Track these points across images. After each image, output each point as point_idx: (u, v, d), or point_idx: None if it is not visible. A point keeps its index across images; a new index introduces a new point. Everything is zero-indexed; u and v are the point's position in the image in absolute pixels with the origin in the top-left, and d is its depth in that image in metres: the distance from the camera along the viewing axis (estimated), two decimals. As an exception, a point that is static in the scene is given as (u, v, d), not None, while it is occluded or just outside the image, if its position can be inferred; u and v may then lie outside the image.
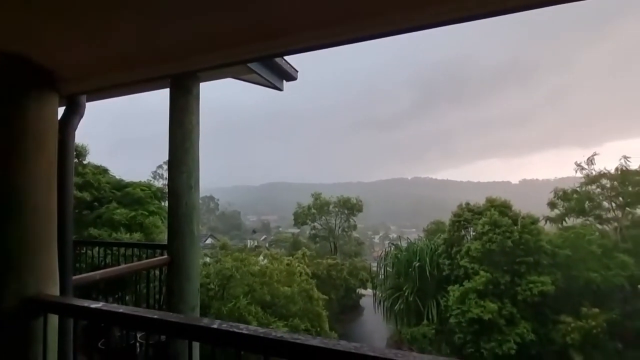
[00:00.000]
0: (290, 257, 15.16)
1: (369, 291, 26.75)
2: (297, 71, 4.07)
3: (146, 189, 8.50)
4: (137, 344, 4.07)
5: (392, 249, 25.93)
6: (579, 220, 21.01)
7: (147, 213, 7.86)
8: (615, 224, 20.11)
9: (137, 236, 7.65)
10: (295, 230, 37.30)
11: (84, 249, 5.89)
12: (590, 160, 21.07)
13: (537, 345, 16.39)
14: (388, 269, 24.37)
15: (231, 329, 1.51)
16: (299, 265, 12.51)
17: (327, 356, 1.37)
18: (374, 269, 27.31)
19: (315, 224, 34.96)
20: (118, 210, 7.46)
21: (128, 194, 8.05)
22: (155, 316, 1.75)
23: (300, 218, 34.18)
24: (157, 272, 4.14)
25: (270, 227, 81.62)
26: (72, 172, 2.49)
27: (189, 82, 3.66)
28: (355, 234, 39.99)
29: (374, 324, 24.21)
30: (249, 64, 3.36)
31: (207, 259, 10.76)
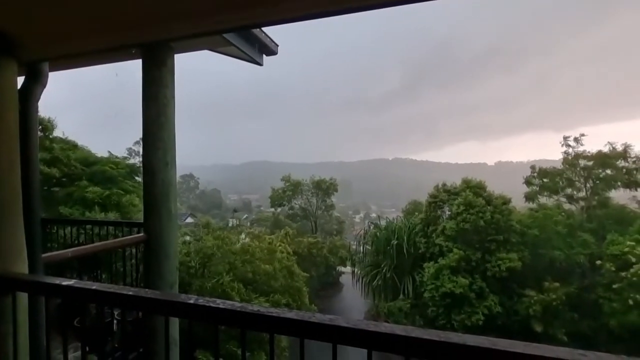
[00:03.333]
0: (272, 236, 15.27)
1: (349, 268, 27.51)
2: (277, 45, 3.93)
3: (115, 167, 8.13)
4: (115, 321, 4.05)
5: (371, 227, 26.58)
6: (552, 200, 22.22)
7: (122, 192, 7.58)
8: (583, 203, 21.39)
9: (113, 215, 7.42)
10: (277, 209, 37.39)
11: (55, 227, 5.68)
12: (577, 140, 22.03)
13: (503, 316, 17.57)
14: (367, 247, 25.06)
15: (208, 304, 1.53)
16: (280, 244, 12.63)
17: (302, 328, 1.41)
18: (355, 247, 28.00)
19: (293, 204, 35.14)
20: (90, 189, 7.15)
21: (98, 172, 7.69)
22: (130, 293, 1.73)
23: (276, 200, 34.26)
24: (134, 251, 4.07)
25: (251, 206, 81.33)
26: (37, 146, 2.35)
27: (162, 52, 3.47)
28: (336, 213, 40.55)
29: (353, 299, 25.09)
30: (225, 35, 3.21)
31: (188, 238, 10.67)
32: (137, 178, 9.37)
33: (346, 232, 38.45)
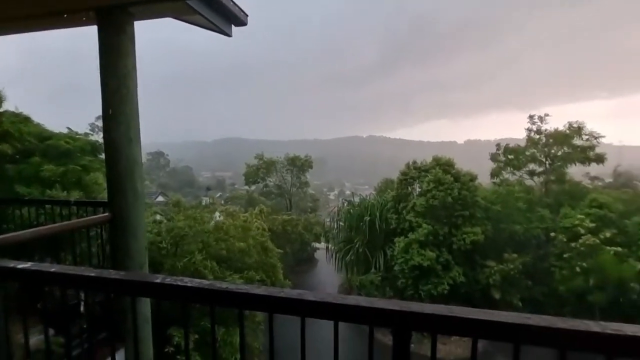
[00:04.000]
0: (247, 214, 15.18)
1: (323, 245, 28.13)
2: (247, 15, 3.73)
3: (72, 141, 7.53)
4: (81, 303, 3.94)
5: (345, 205, 27.08)
6: (515, 177, 23.56)
7: (79, 168, 7.09)
8: (542, 178, 22.87)
9: (77, 195, 6.99)
10: (252, 188, 37.00)
11: (11, 208, 5.32)
12: (541, 119, 23.14)
13: (466, 285, 18.86)
14: (341, 223, 25.62)
15: (175, 283, 1.51)
16: (255, 221, 12.60)
17: (271, 303, 1.44)
18: (329, 224, 28.53)
19: (268, 181, 34.94)
20: (46, 166, 6.65)
21: (52, 147, 7.11)
22: (93, 274, 1.68)
23: (250, 177, 33.93)
24: (99, 231, 3.92)
25: (225, 184, 79.82)
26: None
27: (121, 18, 3.20)
28: (310, 191, 40.80)
29: (327, 274, 25.86)
30: (190, 3, 2.99)
31: (158, 217, 10.37)
32: (101, 156, 8.82)
33: (321, 210, 38.94)
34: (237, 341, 8.64)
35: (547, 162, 22.88)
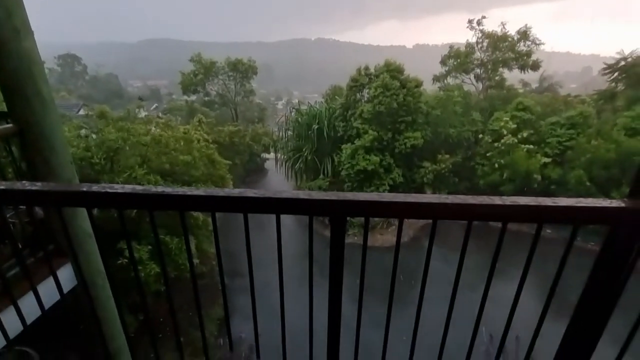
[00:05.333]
0: (187, 126, 14.23)
1: (273, 155, 28.27)
2: None
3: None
4: (10, 224, 3.67)
5: (292, 113, 26.55)
6: (458, 81, 24.49)
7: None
8: (487, 83, 24.16)
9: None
10: (192, 98, 33.79)
11: None
12: (479, 22, 23.13)
13: (404, 185, 21.00)
14: (289, 132, 25.50)
15: (103, 190, 1.41)
16: (196, 133, 11.94)
17: (212, 203, 1.44)
18: (278, 134, 28.20)
19: (209, 89, 32.04)
20: None
21: None
22: (2, 187, 1.49)
23: (188, 85, 30.48)
24: (7, 147, 3.42)
25: (160, 94, 72.07)
26: None
27: None
28: (257, 100, 38.76)
29: (277, 182, 26.73)
30: None
31: (83, 131, 9.26)
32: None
33: (269, 120, 37.80)
34: (193, 248, 9.05)
35: (489, 67, 23.86)
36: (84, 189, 1.45)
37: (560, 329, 1.59)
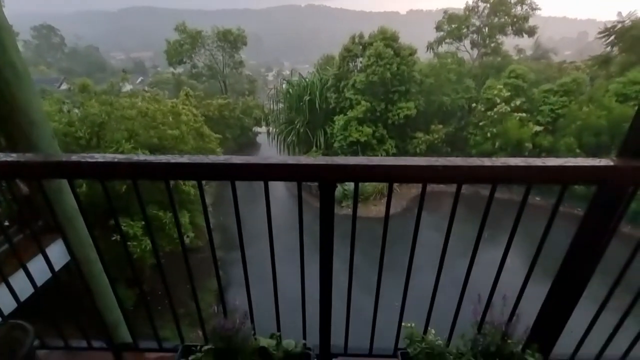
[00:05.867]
0: (174, 100, 13.80)
1: (265, 129, 27.82)
2: None
3: None
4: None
5: (283, 85, 25.88)
6: (453, 47, 23.88)
7: None
8: (482, 50, 23.63)
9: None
10: (179, 70, 32.51)
11: None
12: None
13: (397, 156, 21.00)
14: (281, 105, 24.98)
15: (83, 160, 1.35)
16: (184, 107, 11.62)
17: (197, 170, 1.39)
18: (270, 106, 27.60)
19: (196, 61, 30.80)
20: None
21: None
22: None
23: (173, 56, 29.15)
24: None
25: (145, 66, 69.32)
26: None
27: None
28: (246, 72, 37.54)
29: (270, 156, 26.48)
30: None
31: (65, 106, 8.91)
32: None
33: (259, 92, 36.82)
34: (186, 222, 9.08)
35: (486, 33, 23.24)
36: (63, 159, 1.39)
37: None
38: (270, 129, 25.82)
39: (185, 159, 1.38)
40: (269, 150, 26.50)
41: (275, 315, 1.86)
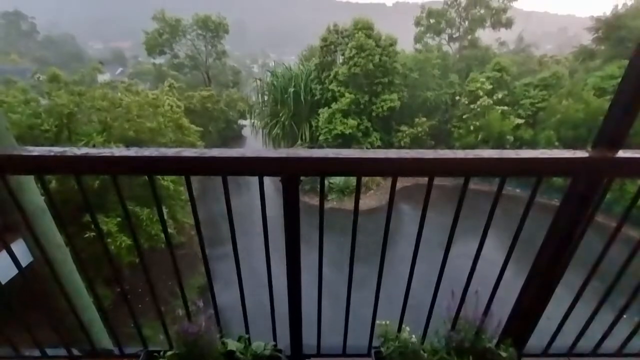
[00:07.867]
0: (156, 91, 13.31)
1: (249, 122, 27.36)
2: None
3: None
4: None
5: (268, 77, 25.43)
6: (435, 41, 23.90)
7: None
8: (462, 43, 23.74)
9: None
10: (160, 61, 31.41)
11: None
12: None
13: (382, 148, 21.05)
14: (265, 97, 24.57)
15: (48, 154, 1.19)
16: (167, 98, 11.21)
17: (185, 165, 1.25)
18: (255, 99, 27.09)
19: (177, 51, 29.83)
20: None
21: None
22: None
23: (153, 47, 28.05)
24: None
25: (125, 57, 66.90)
26: None
27: None
28: (231, 63, 36.69)
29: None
30: None
31: (29, 96, 8.40)
32: None
33: (244, 84, 36.10)
34: (166, 218, 8.82)
35: (463, 25, 23.36)
36: (26, 154, 1.23)
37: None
38: (255, 121, 25.41)
39: (171, 152, 1.23)
40: (255, 143, 26.11)
41: (243, 317, 1.77)
